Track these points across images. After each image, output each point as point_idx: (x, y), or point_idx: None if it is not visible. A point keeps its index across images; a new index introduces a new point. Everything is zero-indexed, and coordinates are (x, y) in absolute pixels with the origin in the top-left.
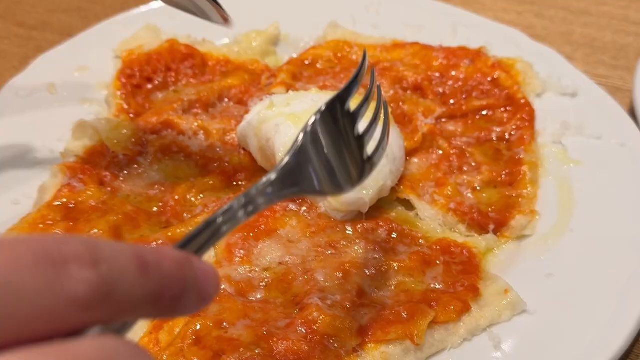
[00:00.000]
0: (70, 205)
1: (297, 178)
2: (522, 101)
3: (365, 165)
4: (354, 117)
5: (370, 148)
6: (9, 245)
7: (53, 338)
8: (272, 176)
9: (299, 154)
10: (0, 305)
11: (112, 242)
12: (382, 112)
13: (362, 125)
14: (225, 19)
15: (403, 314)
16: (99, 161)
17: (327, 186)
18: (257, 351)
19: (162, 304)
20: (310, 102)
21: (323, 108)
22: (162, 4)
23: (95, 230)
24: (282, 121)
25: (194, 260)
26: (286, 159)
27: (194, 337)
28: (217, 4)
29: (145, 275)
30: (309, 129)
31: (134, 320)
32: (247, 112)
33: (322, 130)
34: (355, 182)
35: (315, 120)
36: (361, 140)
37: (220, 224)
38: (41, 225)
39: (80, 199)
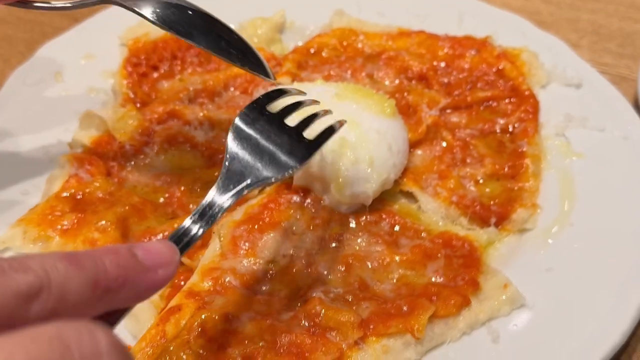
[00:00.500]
0: (78, 197)
1: (243, 174)
2: (527, 93)
3: (311, 147)
4: (280, 115)
5: (311, 134)
6: None
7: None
8: (217, 185)
9: (232, 156)
10: None
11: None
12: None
13: (294, 120)
14: (269, 77)
15: (404, 308)
16: (106, 151)
17: (272, 170)
18: (261, 344)
19: (97, 292)
20: (315, 96)
21: (240, 113)
22: None
23: (103, 222)
24: None
25: (141, 256)
26: (224, 167)
27: (199, 329)
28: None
29: (78, 267)
30: (231, 131)
31: (85, 313)
32: None
33: (246, 127)
34: (303, 160)
35: (234, 123)
36: (298, 129)
37: (181, 243)
38: (50, 217)
39: (87, 190)
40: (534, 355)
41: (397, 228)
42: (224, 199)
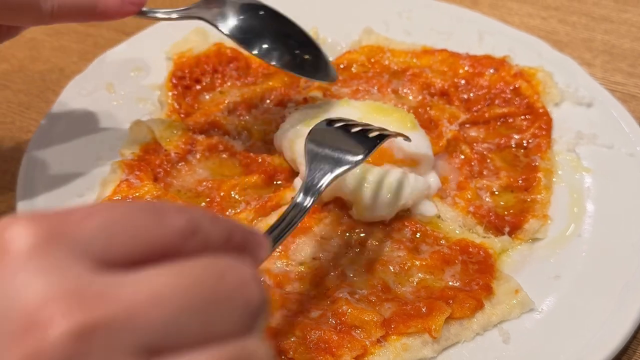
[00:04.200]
0: (129, 200)
1: (324, 167)
2: (541, 110)
3: (374, 139)
4: (344, 128)
5: (372, 134)
6: (124, 203)
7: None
8: (307, 174)
9: (312, 155)
10: (133, 228)
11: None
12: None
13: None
14: (331, 77)
15: (423, 309)
16: (153, 158)
17: (346, 160)
18: (292, 339)
19: (233, 243)
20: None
21: (311, 129)
22: None
23: None
24: None
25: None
26: (307, 164)
27: None
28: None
29: (216, 223)
30: (308, 138)
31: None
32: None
33: (319, 133)
34: (370, 150)
35: (309, 132)
36: (361, 133)
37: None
38: None
39: (137, 194)
40: (541, 355)
41: (418, 235)
42: (322, 181)
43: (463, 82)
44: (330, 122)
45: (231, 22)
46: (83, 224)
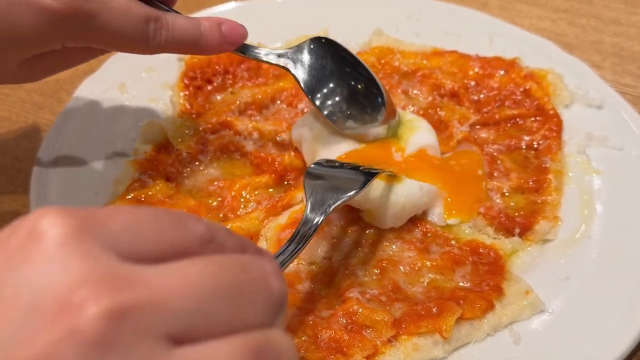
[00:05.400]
0: (141, 199)
1: (323, 200)
2: (551, 112)
3: (369, 174)
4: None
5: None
6: (149, 208)
7: None
8: (305, 214)
9: (311, 190)
10: (157, 230)
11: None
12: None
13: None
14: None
15: (433, 310)
16: (165, 158)
17: (341, 193)
18: (303, 338)
19: (248, 253)
20: None
21: (309, 166)
22: (221, 10)
23: None
24: None
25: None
26: (306, 201)
27: None
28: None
29: (232, 235)
30: (306, 175)
31: None
32: (297, 115)
33: (317, 170)
34: (364, 184)
35: (307, 170)
36: (354, 167)
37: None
38: None
39: (149, 193)
40: (552, 356)
41: (429, 235)
42: (317, 218)
43: (473, 83)
44: (324, 162)
45: (310, 79)
46: (111, 220)
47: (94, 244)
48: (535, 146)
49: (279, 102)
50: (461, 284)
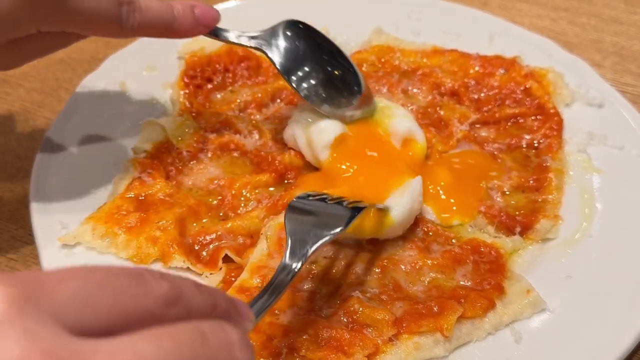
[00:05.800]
0: (141, 198)
1: (304, 241)
2: (552, 111)
3: (354, 210)
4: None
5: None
6: (104, 268)
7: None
8: (285, 257)
9: (292, 231)
10: (110, 296)
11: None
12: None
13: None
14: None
15: (434, 309)
16: (165, 156)
17: (325, 230)
18: (304, 337)
19: (217, 312)
20: None
21: (289, 202)
22: (221, 8)
23: (164, 221)
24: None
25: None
26: (287, 242)
27: None
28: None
29: (200, 291)
30: (286, 213)
31: None
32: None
33: (298, 206)
34: (350, 221)
35: (287, 207)
36: (337, 202)
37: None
38: (116, 215)
39: (149, 192)
40: (553, 355)
41: (430, 234)
42: (295, 264)
43: (473, 82)
44: (306, 196)
45: (286, 61)
46: (59, 287)
47: (36, 318)
48: (535, 145)
49: (278, 100)
50: (462, 282)
